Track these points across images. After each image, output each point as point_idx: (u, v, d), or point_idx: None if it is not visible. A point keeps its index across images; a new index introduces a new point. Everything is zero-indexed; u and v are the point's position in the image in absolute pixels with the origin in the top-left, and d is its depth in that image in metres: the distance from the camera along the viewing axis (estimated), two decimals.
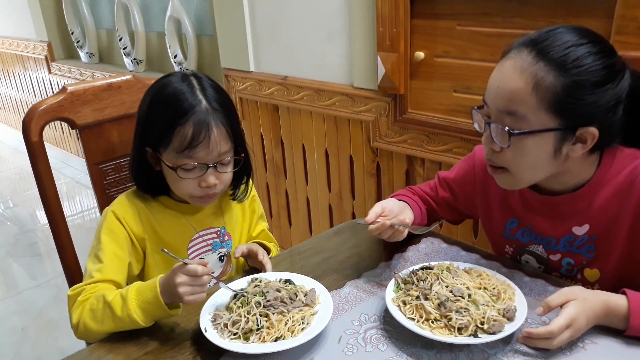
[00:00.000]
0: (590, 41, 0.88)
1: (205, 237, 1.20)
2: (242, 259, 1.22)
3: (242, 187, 1.21)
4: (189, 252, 1.18)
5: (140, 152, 1.10)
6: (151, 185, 1.14)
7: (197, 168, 1.05)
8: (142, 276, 1.17)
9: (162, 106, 1.05)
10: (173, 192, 1.14)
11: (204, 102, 1.04)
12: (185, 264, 0.92)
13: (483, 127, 0.97)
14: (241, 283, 1.04)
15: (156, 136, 1.06)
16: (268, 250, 1.20)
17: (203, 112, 1.03)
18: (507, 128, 0.90)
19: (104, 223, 1.11)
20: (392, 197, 1.22)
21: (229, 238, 1.24)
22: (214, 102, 1.05)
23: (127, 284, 1.13)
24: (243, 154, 1.12)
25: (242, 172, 1.17)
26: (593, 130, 0.89)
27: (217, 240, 1.22)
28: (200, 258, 1.20)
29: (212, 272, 0.99)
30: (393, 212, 1.10)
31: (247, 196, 1.24)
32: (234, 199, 1.22)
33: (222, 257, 1.23)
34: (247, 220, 1.29)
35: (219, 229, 1.22)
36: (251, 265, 1.20)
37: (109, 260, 1.07)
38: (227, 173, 1.10)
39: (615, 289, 0.89)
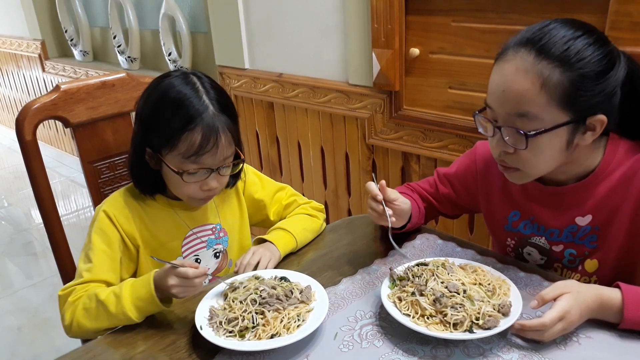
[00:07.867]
0: (584, 32, 0.88)
1: (199, 235, 1.20)
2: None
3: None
4: (183, 249, 1.18)
5: (141, 153, 1.09)
6: (150, 184, 1.13)
7: (200, 172, 1.06)
8: (135, 275, 1.16)
9: (167, 110, 1.03)
10: (168, 190, 1.14)
11: (210, 107, 1.03)
12: (175, 266, 0.94)
13: (491, 130, 0.96)
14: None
15: (161, 140, 1.05)
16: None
17: (211, 118, 1.02)
18: (522, 131, 0.89)
19: (95, 222, 1.11)
20: None
21: (225, 234, 1.24)
22: (219, 105, 1.05)
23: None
24: (243, 157, 1.12)
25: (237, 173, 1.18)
26: (601, 117, 0.90)
27: (212, 237, 1.22)
28: (195, 256, 1.19)
29: (208, 269, 0.99)
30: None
31: (239, 179, 1.22)
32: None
33: (217, 254, 1.23)
34: (244, 211, 1.28)
35: (214, 225, 1.22)
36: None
37: (98, 260, 1.07)
38: (227, 176, 1.12)
39: (612, 280, 0.90)
